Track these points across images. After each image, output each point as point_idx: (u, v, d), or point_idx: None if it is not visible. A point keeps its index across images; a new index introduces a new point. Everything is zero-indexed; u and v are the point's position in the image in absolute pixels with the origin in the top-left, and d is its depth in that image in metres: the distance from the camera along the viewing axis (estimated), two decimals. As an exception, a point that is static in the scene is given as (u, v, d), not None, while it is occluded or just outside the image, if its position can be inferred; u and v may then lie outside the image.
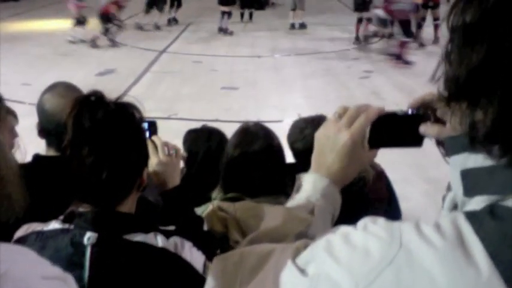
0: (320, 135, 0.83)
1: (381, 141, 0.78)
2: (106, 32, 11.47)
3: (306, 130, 2.02)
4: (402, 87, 8.00)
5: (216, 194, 1.87)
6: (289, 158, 2.08)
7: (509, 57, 0.48)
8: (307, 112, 2.48)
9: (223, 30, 13.19)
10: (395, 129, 0.76)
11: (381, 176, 2.18)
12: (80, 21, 11.70)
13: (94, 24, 11.73)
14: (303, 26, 13.67)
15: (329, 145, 0.81)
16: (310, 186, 0.84)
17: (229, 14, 13.21)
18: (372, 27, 11.01)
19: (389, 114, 0.78)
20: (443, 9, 11.03)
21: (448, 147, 0.61)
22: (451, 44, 0.54)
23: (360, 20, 11.51)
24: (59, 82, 1.86)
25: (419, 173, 4.92)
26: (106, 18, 11.34)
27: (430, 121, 0.74)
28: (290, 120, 2.45)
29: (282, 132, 2.09)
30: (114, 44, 11.45)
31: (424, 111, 0.76)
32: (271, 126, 1.99)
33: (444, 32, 0.55)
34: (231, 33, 13.05)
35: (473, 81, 0.51)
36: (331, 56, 10.64)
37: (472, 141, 0.54)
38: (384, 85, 8.35)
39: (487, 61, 0.49)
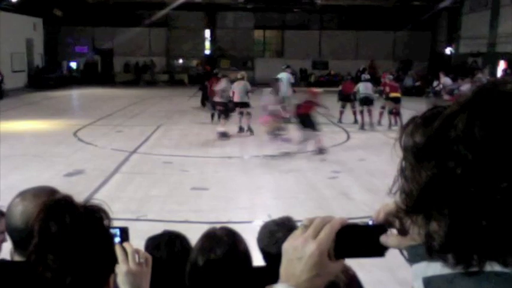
0: (288, 246, 0.86)
1: (346, 251, 0.82)
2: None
3: (277, 233, 2.02)
4: (370, 187, 8.16)
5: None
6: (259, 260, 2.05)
7: (453, 175, 0.53)
8: (277, 213, 2.49)
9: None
10: (358, 240, 0.81)
11: (353, 280, 2.16)
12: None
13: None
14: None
15: (297, 256, 0.83)
16: None
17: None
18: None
19: (352, 226, 0.82)
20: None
21: (409, 256, 0.64)
22: (404, 161, 0.59)
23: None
24: (38, 186, 1.83)
25: (392, 275, 4.88)
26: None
27: (390, 231, 0.78)
28: (260, 221, 2.45)
29: (252, 233, 2.07)
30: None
31: (386, 221, 0.80)
32: (241, 227, 1.98)
33: (398, 151, 0.60)
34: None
35: (425, 196, 0.56)
36: (299, 157, 10.88)
37: (429, 250, 0.57)
38: (352, 185, 8.52)
39: (434, 178, 0.55)
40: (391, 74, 18.52)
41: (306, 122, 10.97)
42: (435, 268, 0.58)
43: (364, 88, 15.15)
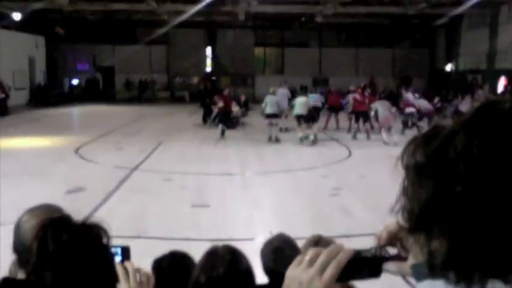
0: (292, 278, 0.85)
1: (346, 277, 0.84)
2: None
3: (281, 251, 2.03)
4: (371, 204, 8.13)
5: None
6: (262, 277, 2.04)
7: (452, 194, 0.54)
8: (278, 230, 2.48)
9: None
10: (360, 268, 0.83)
11: None
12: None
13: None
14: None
15: None
16: None
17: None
18: None
19: (356, 257, 0.84)
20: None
21: (413, 274, 0.64)
22: (406, 180, 0.61)
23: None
24: (42, 204, 1.83)
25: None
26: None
27: (392, 259, 0.80)
28: (261, 238, 2.44)
29: (253, 251, 2.07)
30: None
31: (388, 242, 0.83)
32: (242, 244, 1.98)
33: (400, 169, 0.61)
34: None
35: (426, 214, 0.57)
36: (300, 174, 10.87)
37: (431, 268, 0.58)
38: (353, 202, 8.49)
39: (434, 197, 0.56)
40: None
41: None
42: (439, 287, 0.58)
43: (381, 107, 15.47)
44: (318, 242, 1.04)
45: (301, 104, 15.31)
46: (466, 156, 0.54)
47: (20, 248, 1.69)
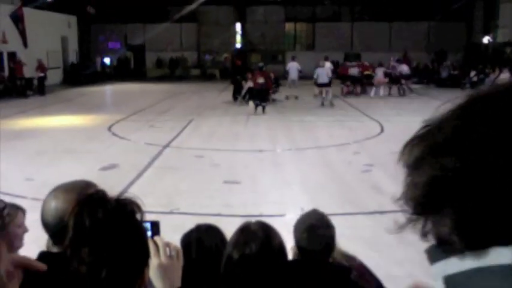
0: None
1: None
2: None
3: (314, 229, 2.02)
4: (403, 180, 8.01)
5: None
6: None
7: (451, 174, 0.57)
8: (308, 206, 2.47)
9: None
10: None
11: (361, 267, 2.34)
12: None
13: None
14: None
15: None
16: None
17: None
18: None
19: None
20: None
21: (428, 257, 0.65)
22: (407, 177, 0.63)
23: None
24: (76, 180, 1.86)
25: (422, 268, 4.80)
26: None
27: None
28: (292, 215, 2.44)
29: (284, 227, 2.06)
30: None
31: None
32: (273, 220, 1.97)
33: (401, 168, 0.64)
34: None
35: (428, 197, 0.59)
36: (331, 150, 10.80)
37: (439, 243, 0.59)
38: (385, 179, 8.38)
39: (434, 179, 0.58)
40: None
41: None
42: (454, 265, 0.58)
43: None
44: None
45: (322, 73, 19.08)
46: (464, 136, 0.57)
47: (47, 225, 1.72)
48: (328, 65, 21.02)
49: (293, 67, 21.73)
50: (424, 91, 23.62)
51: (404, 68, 22.50)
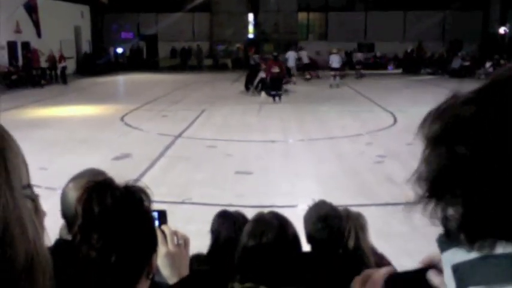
0: None
1: None
2: None
3: (324, 220, 2.01)
4: (416, 172, 7.96)
5: (233, 283, 1.83)
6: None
7: (463, 159, 0.58)
8: (320, 198, 2.46)
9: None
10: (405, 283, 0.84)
11: (382, 258, 2.29)
12: None
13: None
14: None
15: None
16: None
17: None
18: None
19: (399, 274, 0.85)
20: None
21: (438, 245, 0.67)
22: (424, 150, 0.63)
23: None
24: (86, 169, 1.87)
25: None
26: None
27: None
28: (304, 205, 2.43)
29: (296, 217, 2.05)
30: None
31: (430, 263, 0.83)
32: (284, 211, 1.97)
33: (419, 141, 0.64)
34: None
35: (440, 181, 0.60)
36: (343, 141, 10.75)
37: (447, 233, 0.61)
38: (398, 170, 8.32)
39: (447, 163, 0.59)
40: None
41: None
42: (462, 254, 0.60)
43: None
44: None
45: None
46: (479, 121, 0.57)
47: (67, 213, 1.74)
48: (341, 54, 23.79)
49: (291, 56, 24.63)
50: (437, 82, 23.39)
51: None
